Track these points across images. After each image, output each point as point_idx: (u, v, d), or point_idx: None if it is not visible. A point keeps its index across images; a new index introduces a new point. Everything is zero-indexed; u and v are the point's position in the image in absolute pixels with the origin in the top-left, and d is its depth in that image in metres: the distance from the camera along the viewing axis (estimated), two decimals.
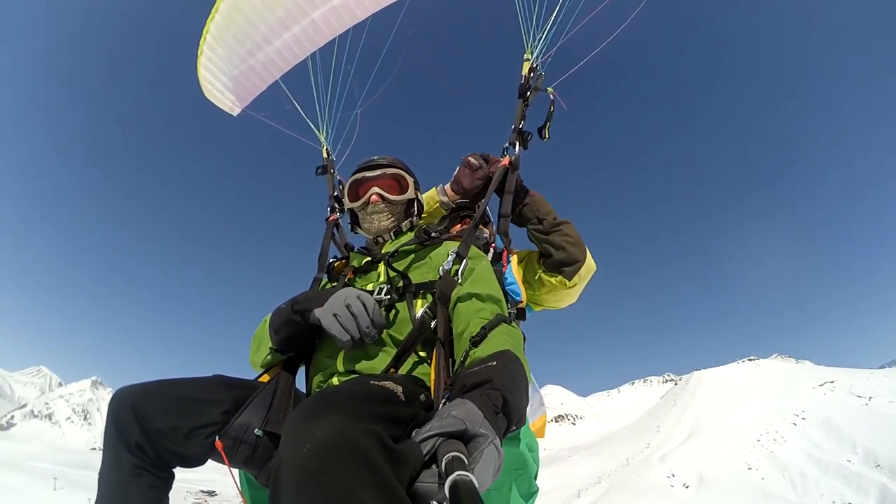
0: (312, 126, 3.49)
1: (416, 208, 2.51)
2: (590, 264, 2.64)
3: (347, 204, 2.47)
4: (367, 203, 2.37)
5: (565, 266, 2.58)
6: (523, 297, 2.43)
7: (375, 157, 2.50)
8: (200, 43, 3.49)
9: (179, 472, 1.87)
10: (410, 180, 2.46)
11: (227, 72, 3.59)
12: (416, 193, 2.48)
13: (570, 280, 2.58)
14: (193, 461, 1.79)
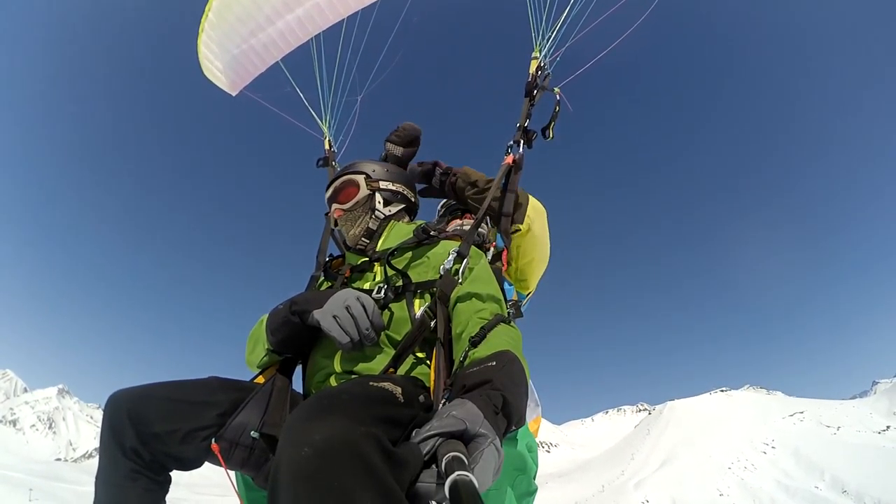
0: (315, 116, 3.44)
1: (380, 200, 2.45)
2: (535, 204, 2.65)
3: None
4: (336, 221, 2.43)
5: (504, 214, 2.58)
6: (514, 293, 2.49)
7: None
8: (202, 20, 3.44)
9: None
10: (360, 178, 2.44)
11: (229, 51, 3.55)
12: (372, 186, 2.44)
13: (522, 223, 2.57)
14: (190, 464, 1.80)
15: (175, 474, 1.89)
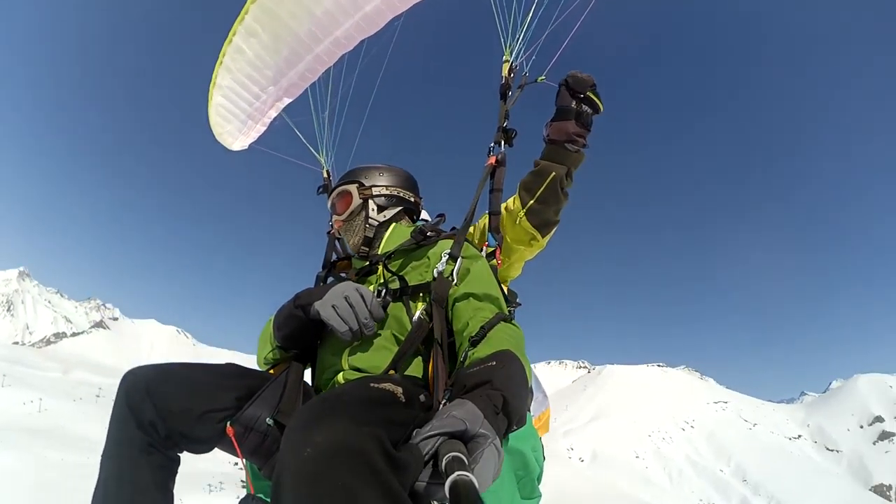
0: (313, 150, 3.53)
1: (373, 207, 2.40)
2: (547, 240, 2.66)
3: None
4: (340, 232, 2.45)
5: (547, 226, 2.58)
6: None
7: None
8: (210, 88, 3.50)
9: None
10: (352, 186, 2.42)
11: (238, 114, 3.64)
12: (364, 194, 2.41)
13: (542, 237, 2.58)
14: (202, 444, 1.79)
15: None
